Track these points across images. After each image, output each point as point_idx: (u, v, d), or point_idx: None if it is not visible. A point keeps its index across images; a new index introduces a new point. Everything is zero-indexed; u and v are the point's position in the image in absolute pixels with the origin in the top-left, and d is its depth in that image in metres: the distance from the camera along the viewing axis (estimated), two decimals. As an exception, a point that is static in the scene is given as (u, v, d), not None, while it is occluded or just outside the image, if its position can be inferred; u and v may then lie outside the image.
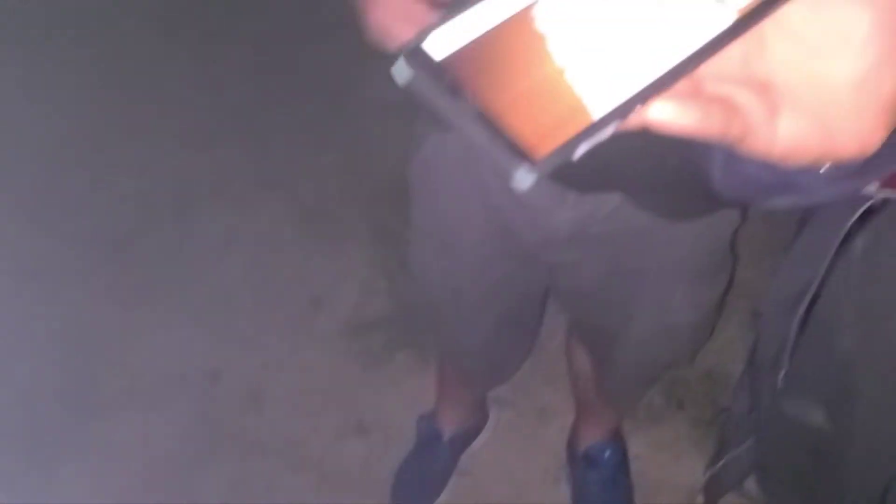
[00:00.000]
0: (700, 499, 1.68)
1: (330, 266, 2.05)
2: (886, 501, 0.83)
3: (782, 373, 0.90)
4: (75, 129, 2.25)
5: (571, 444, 1.67)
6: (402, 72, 0.42)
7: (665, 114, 0.39)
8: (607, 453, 1.60)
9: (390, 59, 0.42)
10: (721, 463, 1.08)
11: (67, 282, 2.00)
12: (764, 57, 0.42)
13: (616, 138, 0.42)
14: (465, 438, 1.68)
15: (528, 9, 0.43)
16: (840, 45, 0.40)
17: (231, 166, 2.20)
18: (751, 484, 1.18)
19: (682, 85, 0.41)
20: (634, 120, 0.40)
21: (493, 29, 0.43)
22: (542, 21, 0.43)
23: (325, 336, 1.94)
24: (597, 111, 0.41)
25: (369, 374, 1.87)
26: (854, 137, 0.42)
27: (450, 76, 0.42)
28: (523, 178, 0.40)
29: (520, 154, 0.39)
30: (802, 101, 0.41)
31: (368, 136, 2.19)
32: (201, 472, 1.74)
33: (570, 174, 0.86)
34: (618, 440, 1.64)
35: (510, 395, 1.78)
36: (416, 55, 0.42)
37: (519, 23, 0.43)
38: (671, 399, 1.78)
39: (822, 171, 0.47)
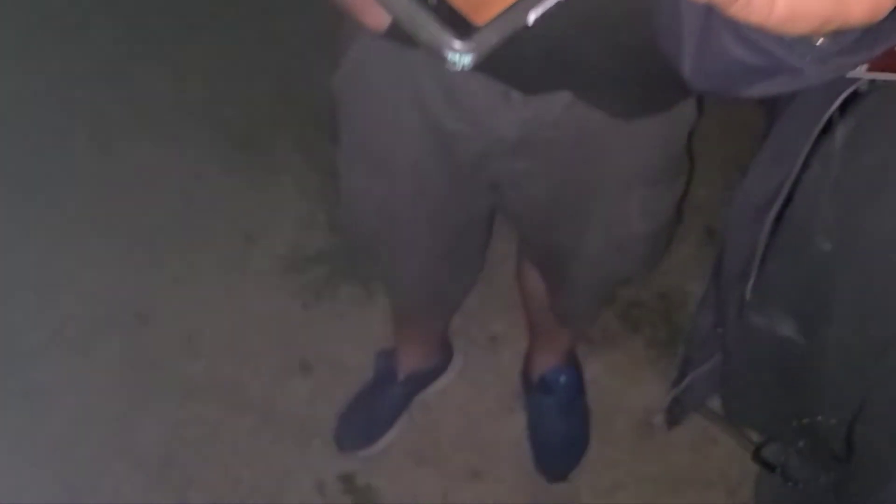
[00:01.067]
0: (658, 419, 1.64)
1: (263, 199, 1.94)
2: (862, 417, 0.77)
3: (750, 283, 0.83)
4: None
5: (526, 372, 1.60)
6: None
7: None
8: (563, 378, 1.54)
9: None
10: (685, 382, 1.01)
11: (-21, 225, 1.86)
12: None
13: (562, 15, 0.33)
14: (423, 379, 1.60)
15: None
16: None
17: (152, 97, 2.05)
18: (714, 403, 1.12)
19: None
20: None
21: None
22: None
23: (262, 273, 1.83)
24: None
25: (311, 310, 1.78)
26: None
27: None
28: (460, 55, 0.31)
29: (455, 24, 0.31)
30: None
31: (300, 62, 2.05)
32: (137, 419, 1.64)
33: (511, 69, 0.77)
34: (573, 365, 1.58)
35: (460, 324, 1.70)
36: None
37: None
38: (627, 321, 1.73)
39: (817, 45, 0.41)
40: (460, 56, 0.31)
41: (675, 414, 1.08)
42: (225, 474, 1.56)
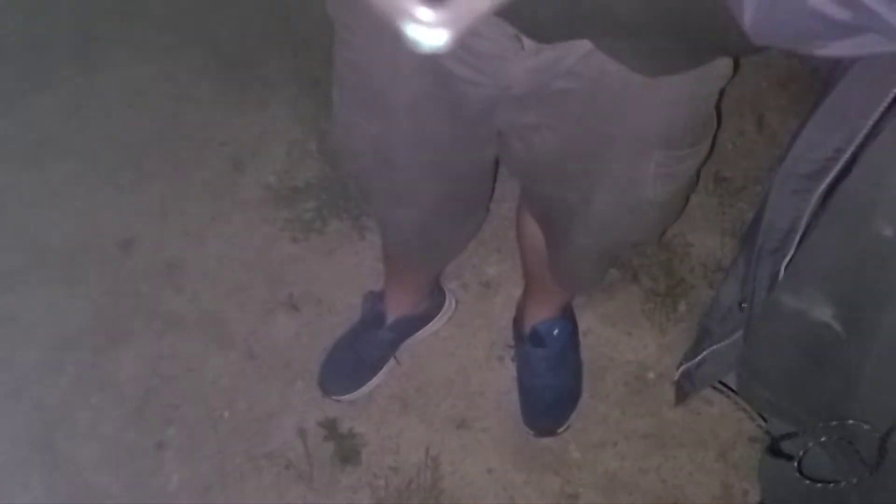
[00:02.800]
0: (651, 375, 1.60)
1: (253, 124, 1.85)
2: None
3: (786, 260, 0.74)
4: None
5: (518, 322, 1.55)
6: None
7: None
8: (556, 331, 1.48)
9: None
10: (700, 357, 0.94)
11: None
12: None
13: None
14: (412, 324, 1.54)
15: None
16: None
17: (138, 8, 1.94)
18: (729, 380, 1.05)
19: None
20: None
21: None
22: None
23: (250, 202, 1.76)
24: None
25: (299, 244, 1.71)
26: None
27: None
28: (427, 29, 0.24)
29: None
30: None
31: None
32: (115, 350, 1.59)
33: (525, 12, 0.68)
34: (567, 317, 1.52)
35: (451, 268, 1.64)
36: None
37: None
38: (626, 270, 1.66)
39: None
40: (428, 30, 0.24)
41: (684, 389, 1.00)
42: (206, 414, 1.52)
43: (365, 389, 1.52)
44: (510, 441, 1.51)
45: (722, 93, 0.88)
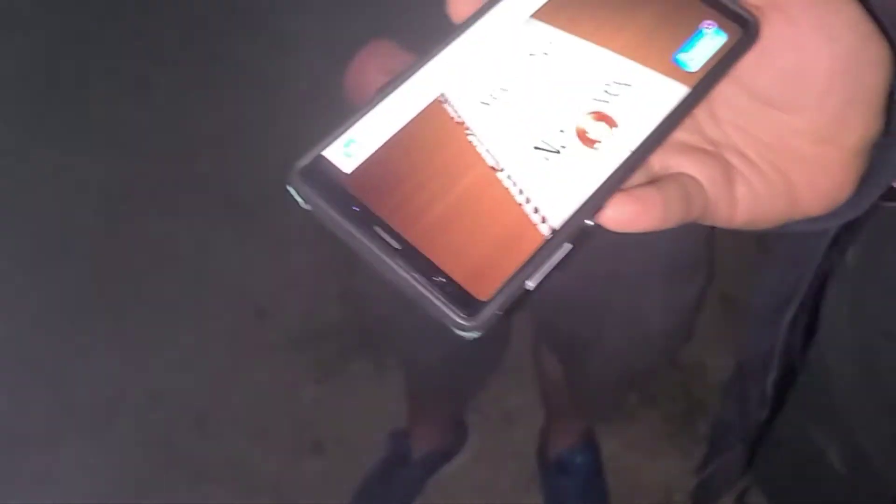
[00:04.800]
0: (678, 497, 1.61)
1: (274, 272, 1.92)
2: None
3: (770, 379, 0.81)
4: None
5: (542, 450, 1.57)
6: (301, 190, 0.33)
7: (624, 216, 0.33)
8: (580, 459, 1.51)
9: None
10: (710, 468, 0.99)
11: (-11, 306, 1.85)
12: (714, 118, 0.37)
13: None
14: (438, 460, 1.57)
15: (439, 104, 0.34)
16: (796, 95, 0.35)
17: (159, 169, 2.05)
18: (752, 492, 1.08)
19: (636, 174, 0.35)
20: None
21: (410, 129, 0.34)
22: (467, 118, 0.34)
23: (274, 348, 1.81)
24: (546, 225, 0.32)
25: (323, 386, 1.75)
26: (821, 193, 0.37)
27: (362, 194, 0.32)
28: (467, 332, 0.31)
29: (458, 300, 0.31)
30: (761, 163, 0.36)
31: (311, 131, 2.05)
32: (149, 502, 1.61)
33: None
34: (590, 443, 1.55)
35: (474, 401, 1.67)
36: (317, 168, 0.33)
37: (437, 122, 0.34)
38: (644, 395, 1.69)
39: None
40: (468, 332, 0.31)
41: (700, 499, 1.05)
42: (238, 562, 1.53)
43: (395, 529, 1.53)
44: (544, 574, 1.51)
45: (713, 229, 0.95)
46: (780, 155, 0.36)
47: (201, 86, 2.14)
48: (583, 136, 0.34)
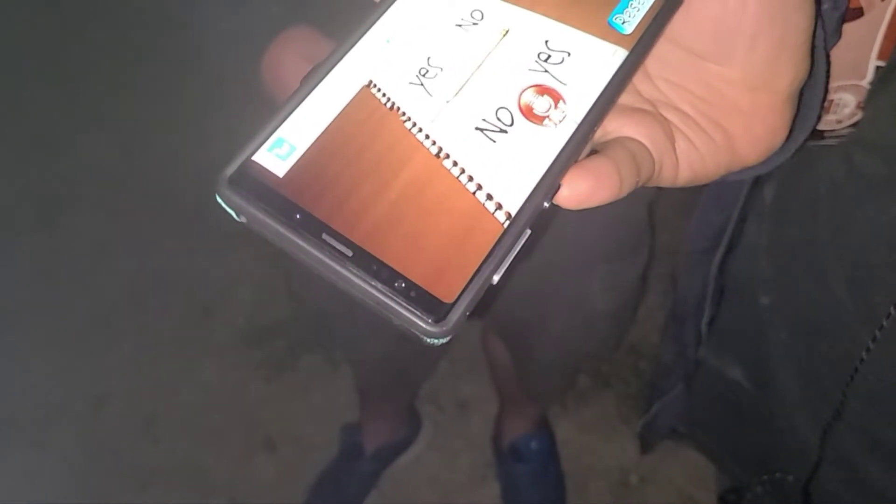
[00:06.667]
0: (633, 478, 1.61)
1: (219, 269, 1.88)
2: (817, 476, 0.75)
3: (705, 318, 0.83)
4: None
5: (496, 439, 1.56)
6: (232, 201, 0.29)
7: (581, 193, 0.32)
8: (534, 445, 1.50)
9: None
10: (653, 410, 1.00)
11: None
12: (647, 76, 0.36)
13: None
14: (392, 453, 1.55)
15: (367, 90, 0.32)
16: (725, 45, 0.34)
17: (97, 168, 1.99)
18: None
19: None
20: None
21: (341, 121, 0.31)
22: (399, 103, 0.32)
23: (221, 347, 1.78)
24: (502, 212, 0.30)
25: (273, 384, 1.73)
26: (758, 141, 0.36)
27: (298, 197, 0.29)
28: (437, 339, 0.29)
29: (423, 304, 0.28)
30: (698, 117, 0.36)
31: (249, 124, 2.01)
32: (96, 511, 1.57)
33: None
34: (544, 429, 1.54)
35: (426, 391, 1.65)
36: (246, 175, 0.30)
37: (368, 110, 0.32)
38: (597, 378, 1.69)
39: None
40: (437, 339, 0.29)
41: (646, 440, 1.07)
42: (190, 567, 1.50)
43: (350, 524, 1.51)
44: (502, 562, 1.50)
45: (651, 209, 0.94)
46: (716, 107, 0.35)
47: (134, 83, 2.08)
48: (529, 113, 0.32)
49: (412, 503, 1.56)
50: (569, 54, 0.33)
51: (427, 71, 0.32)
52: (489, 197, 0.30)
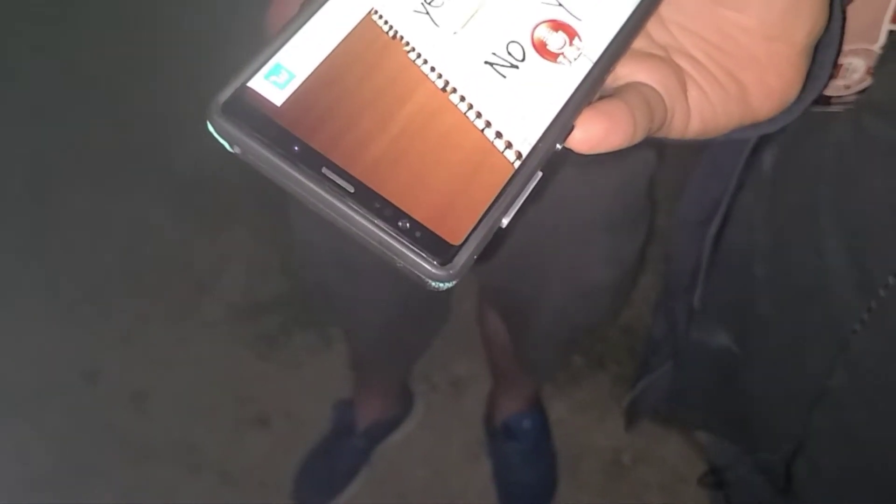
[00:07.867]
0: (626, 458, 1.61)
1: (213, 245, 1.87)
2: (800, 455, 0.75)
3: (697, 293, 0.82)
4: None
5: (489, 417, 1.56)
6: (225, 129, 0.27)
7: (595, 136, 0.30)
8: (526, 424, 1.49)
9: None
10: (639, 386, 1.00)
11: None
12: (661, 20, 0.35)
13: None
14: (384, 430, 1.54)
15: (370, 18, 0.30)
16: None
17: (92, 141, 1.98)
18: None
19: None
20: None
21: (343, 49, 0.29)
22: (403, 32, 0.30)
23: (215, 323, 1.77)
24: (512, 151, 0.29)
25: (266, 360, 1.72)
26: (771, 93, 0.35)
27: (296, 127, 0.28)
28: (443, 282, 0.27)
29: (429, 245, 0.27)
30: (711, 65, 0.35)
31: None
32: (88, 485, 1.57)
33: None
34: (537, 408, 1.54)
35: (419, 369, 1.65)
36: (241, 102, 0.28)
37: (371, 39, 0.30)
38: (591, 358, 1.69)
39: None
40: (443, 283, 0.27)
41: (632, 417, 1.07)
42: (181, 542, 1.49)
43: (342, 499, 1.50)
44: (493, 540, 1.50)
45: (652, 179, 0.93)
46: (730, 56, 0.34)
47: (131, 55, 2.06)
48: (542, 49, 0.31)
49: (404, 481, 1.56)
50: None
51: (433, 0, 0.31)
52: (498, 135, 0.29)
